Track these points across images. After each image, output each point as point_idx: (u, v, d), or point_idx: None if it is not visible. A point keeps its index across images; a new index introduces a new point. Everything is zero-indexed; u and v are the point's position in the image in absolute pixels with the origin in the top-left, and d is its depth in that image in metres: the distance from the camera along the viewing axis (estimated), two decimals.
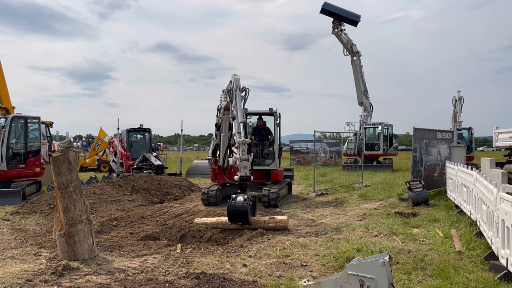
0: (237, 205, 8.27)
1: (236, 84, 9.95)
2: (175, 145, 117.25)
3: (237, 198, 8.36)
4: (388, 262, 4.24)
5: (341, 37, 25.73)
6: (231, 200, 8.39)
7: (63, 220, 6.38)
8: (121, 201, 11.75)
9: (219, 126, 11.63)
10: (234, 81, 10.03)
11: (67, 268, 5.73)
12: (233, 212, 8.32)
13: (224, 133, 11.57)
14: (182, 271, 5.72)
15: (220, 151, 11.80)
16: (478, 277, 5.34)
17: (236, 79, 10.04)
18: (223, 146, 11.48)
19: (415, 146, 12.95)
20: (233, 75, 10.28)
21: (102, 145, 26.17)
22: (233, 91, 10.03)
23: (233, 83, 10.10)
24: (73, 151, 6.69)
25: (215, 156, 12.24)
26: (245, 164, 8.87)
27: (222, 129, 11.51)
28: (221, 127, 11.52)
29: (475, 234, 7.45)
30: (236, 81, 10.00)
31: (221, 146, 11.68)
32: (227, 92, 10.66)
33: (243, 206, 8.24)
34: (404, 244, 7.15)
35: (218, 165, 12.13)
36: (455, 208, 10.27)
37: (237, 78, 10.07)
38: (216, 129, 11.85)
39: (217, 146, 12.01)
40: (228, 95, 10.62)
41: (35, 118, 14.64)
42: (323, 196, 14.00)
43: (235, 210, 8.28)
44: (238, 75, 10.12)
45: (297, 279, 5.37)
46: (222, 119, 11.53)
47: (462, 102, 22.30)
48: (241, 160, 8.90)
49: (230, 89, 10.33)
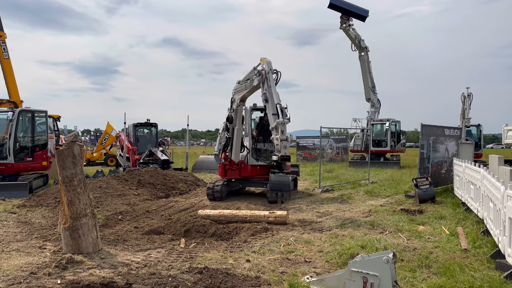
0: (280, 176, 9.28)
1: (268, 67, 10.09)
2: (182, 140, 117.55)
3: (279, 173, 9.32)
4: (392, 260, 4.19)
5: (349, 32, 25.50)
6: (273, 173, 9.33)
7: (68, 213, 6.40)
8: (127, 195, 11.79)
9: (231, 119, 11.56)
10: (266, 64, 10.15)
11: (70, 262, 5.75)
12: (276, 182, 9.20)
13: (238, 126, 11.62)
14: (185, 266, 5.72)
15: (234, 145, 11.82)
16: (483, 276, 5.27)
17: (268, 62, 10.18)
18: (237, 140, 11.59)
19: (422, 142, 12.83)
20: (262, 58, 10.37)
21: (109, 139, 26.32)
22: (265, 74, 10.07)
23: (265, 66, 10.17)
24: (78, 145, 6.70)
25: (225, 152, 12.12)
26: (285, 144, 9.58)
27: (235, 122, 11.53)
28: (235, 119, 11.48)
29: (482, 232, 7.36)
30: (268, 64, 10.15)
31: (234, 140, 11.70)
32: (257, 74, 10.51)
33: (286, 176, 9.26)
34: (409, 242, 7.09)
35: (230, 160, 12.07)
36: (462, 206, 10.16)
37: (268, 61, 10.21)
38: (229, 122, 11.78)
39: (228, 141, 11.91)
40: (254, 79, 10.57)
41: (42, 112, 14.72)
42: (329, 192, 13.93)
43: (278, 180, 9.19)
44: (268, 58, 10.19)
45: (300, 275, 5.34)
46: (237, 111, 11.50)
47: (471, 98, 22.04)
48: (281, 140, 9.48)
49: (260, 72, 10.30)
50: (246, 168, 12.37)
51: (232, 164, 12.10)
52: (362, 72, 26.65)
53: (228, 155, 12.17)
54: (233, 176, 12.23)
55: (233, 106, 11.67)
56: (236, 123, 11.69)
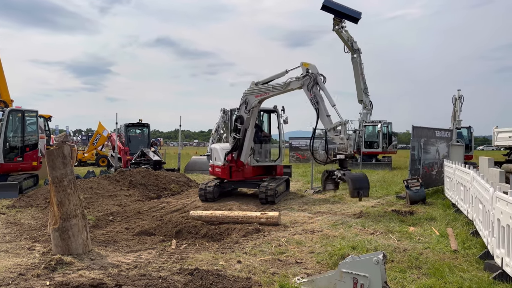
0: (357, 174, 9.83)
1: (315, 71, 10.53)
2: (175, 140, 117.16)
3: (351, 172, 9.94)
4: (382, 261, 4.21)
5: (342, 34, 25.61)
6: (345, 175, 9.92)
7: (57, 214, 6.35)
8: (118, 196, 11.72)
9: (243, 120, 11.68)
10: (312, 68, 10.59)
11: (60, 263, 5.70)
12: (357, 179, 9.70)
13: (251, 128, 11.82)
14: (176, 267, 5.70)
15: (245, 146, 11.95)
16: (472, 276, 5.32)
17: (313, 66, 10.61)
18: (249, 142, 11.82)
19: (413, 144, 12.92)
20: (305, 63, 10.69)
21: (101, 139, 26.16)
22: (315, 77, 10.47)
23: (312, 70, 10.57)
24: (68, 145, 6.65)
25: (231, 154, 12.13)
26: (350, 143, 10.20)
27: (248, 123, 11.72)
28: (247, 121, 11.68)
29: (471, 233, 7.42)
30: (314, 68, 10.60)
31: (246, 141, 11.85)
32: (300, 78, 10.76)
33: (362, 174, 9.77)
34: (400, 242, 7.13)
35: (237, 161, 12.14)
36: (452, 207, 10.25)
37: (313, 66, 10.63)
38: (239, 124, 11.83)
39: (237, 142, 11.98)
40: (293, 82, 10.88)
41: (32, 112, 14.60)
42: (321, 193, 13.96)
43: (357, 178, 9.68)
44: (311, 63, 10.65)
45: (291, 276, 5.35)
46: (253, 112, 11.63)
47: (462, 101, 22.14)
48: (347, 139, 10.11)
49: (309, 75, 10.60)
50: (248, 170, 12.49)
51: (239, 166, 12.19)
52: (355, 74, 26.77)
53: (234, 156, 12.17)
54: (238, 178, 12.33)
55: (248, 107, 11.70)
56: (249, 125, 11.87)
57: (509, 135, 25.13)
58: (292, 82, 10.96)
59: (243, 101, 11.91)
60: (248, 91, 11.92)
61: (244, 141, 12.03)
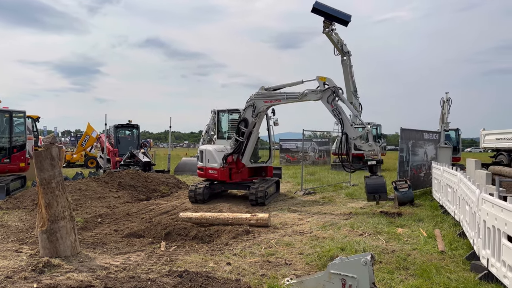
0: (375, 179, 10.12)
1: (333, 84, 10.98)
2: (165, 141, 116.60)
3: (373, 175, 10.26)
4: (370, 262, 4.25)
5: (332, 36, 25.75)
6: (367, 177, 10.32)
7: (45, 216, 6.29)
8: (107, 198, 11.64)
9: (247, 123, 11.84)
10: (329, 82, 11.03)
11: (47, 265, 5.65)
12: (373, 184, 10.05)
13: (255, 132, 12.13)
14: (165, 269, 5.69)
15: (248, 149, 12.14)
16: (459, 277, 5.39)
17: (330, 80, 11.04)
18: (252, 144, 12.12)
19: (402, 146, 13.05)
20: (320, 76, 11.10)
21: (90, 140, 25.93)
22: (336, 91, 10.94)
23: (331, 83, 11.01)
24: (56, 147, 6.60)
25: (232, 155, 12.16)
26: (378, 149, 10.74)
27: (254, 128, 12.02)
28: (251, 124, 11.89)
29: (458, 234, 7.52)
30: (331, 81, 11.04)
31: (250, 144, 12.09)
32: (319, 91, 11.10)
33: (380, 178, 10.10)
34: (388, 244, 7.19)
35: (237, 163, 12.28)
36: (440, 209, 10.36)
37: (330, 79, 11.07)
38: (243, 127, 11.92)
39: (241, 145, 12.09)
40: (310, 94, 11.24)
41: (20, 112, 14.43)
42: (311, 195, 14.03)
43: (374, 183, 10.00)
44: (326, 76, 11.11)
45: (280, 278, 5.37)
46: (260, 116, 11.87)
47: (450, 103, 22.48)
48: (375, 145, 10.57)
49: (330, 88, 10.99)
50: (245, 171, 12.58)
51: (240, 167, 12.32)
52: (344, 76, 26.91)
53: (234, 158, 12.22)
54: (237, 179, 12.44)
55: (255, 111, 11.82)
56: (255, 128, 12.09)
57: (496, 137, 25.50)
58: (309, 94, 11.23)
59: (249, 104, 11.96)
60: (256, 96, 11.97)
61: (247, 144, 12.18)
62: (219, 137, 13.66)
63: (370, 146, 10.69)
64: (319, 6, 25.19)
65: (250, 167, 12.84)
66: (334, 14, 25.54)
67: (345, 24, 26.19)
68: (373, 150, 10.66)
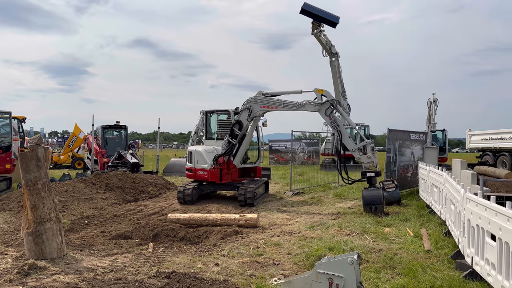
0: (372, 191, 10.15)
1: (331, 97, 11.27)
2: (154, 142, 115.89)
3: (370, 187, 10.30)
4: (356, 261, 4.29)
5: (320, 38, 25.84)
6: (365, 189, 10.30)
7: (31, 218, 6.22)
8: (94, 199, 11.54)
9: (241, 126, 11.94)
10: (327, 95, 11.30)
11: (33, 268, 5.59)
12: (369, 196, 10.04)
13: (249, 135, 12.31)
14: (152, 271, 5.66)
15: (240, 151, 12.25)
16: (444, 276, 5.47)
17: (328, 93, 11.32)
18: (245, 146, 12.29)
19: (389, 146, 13.18)
20: (317, 89, 11.31)
21: (77, 141, 25.68)
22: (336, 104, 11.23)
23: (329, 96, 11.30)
24: (42, 148, 6.53)
25: (223, 156, 12.17)
26: (377, 161, 10.80)
27: (248, 131, 12.20)
28: (246, 128, 12.07)
29: (444, 234, 7.62)
30: (329, 94, 11.36)
31: (242, 146, 12.21)
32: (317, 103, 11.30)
33: (377, 190, 10.07)
34: (375, 243, 7.26)
35: (231, 164, 12.33)
36: (426, 208, 10.49)
37: (327, 92, 11.34)
38: (237, 129, 12.00)
39: (233, 147, 12.15)
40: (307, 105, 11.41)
41: (6, 113, 14.24)
42: (299, 196, 14.09)
43: (371, 195, 9.98)
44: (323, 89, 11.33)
45: (268, 278, 5.39)
46: (255, 120, 12.07)
47: (437, 104, 22.77)
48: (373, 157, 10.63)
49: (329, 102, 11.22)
50: (235, 172, 12.66)
51: (230, 168, 12.38)
52: (333, 77, 26.97)
53: (225, 159, 12.22)
54: (227, 180, 12.46)
55: (251, 115, 11.88)
56: (248, 131, 12.23)
57: (482, 138, 25.86)
58: (307, 105, 11.37)
59: (246, 107, 11.97)
60: (253, 100, 11.99)
61: (240, 146, 12.24)
62: (208, 138, 13.64)
63: (368, 158, 10.80)
64: (307, 8, 25.29)
65: (239, 168, 12.87)
66: (323, 16, 25.66)
67: (334, 25, 26.32)
68: (371, 162, 10.75)
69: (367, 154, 10.82)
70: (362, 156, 10.91)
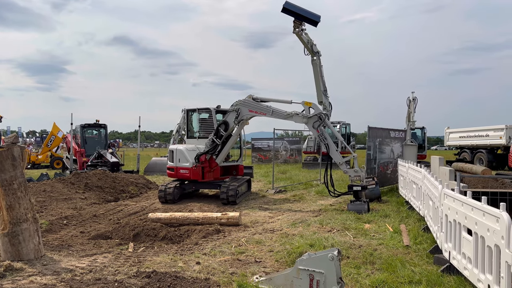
0: (357, 205, 10.23)
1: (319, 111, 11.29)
2: (135, 141, 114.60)
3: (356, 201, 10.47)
4: (337, 257, 4.33)
5: (302, 36, 25.94)
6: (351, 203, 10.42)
7: (7, 219, 6.06)
8: (73, 199, 11.34)
9: (227, 127, 11.94)
10: (315, 108, 11.32)
11: (9, 269, 5.45)
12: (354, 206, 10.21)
13: (235, 136, 12.35)
14: (132, 270, 5.59)
15: (224, 150, 12.26)
16: (423, 270, 5.57)
17: (316, 106, 11.43)
18: (230, 146, 12.36)
19: (369, 144, 13.34)
20: (305, 102, 11.32)
21: (56, 141, 25.16)
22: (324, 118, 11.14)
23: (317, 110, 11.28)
24: (18, 147, 6.37)
25: (205, 154, 12.12)
26: (364, 175, 10.87)
27: (234, 132, 12.21)
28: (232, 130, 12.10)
29: (423, 229, 7.76)
30: (317, 107, 11.46)
31: (227, 145, 12.22)
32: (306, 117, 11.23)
33: (362, 205, 10.20)
34: (355, 239, 7.34)
35: (213, 162, 12.32)
36: (405, 204, 10.66)
37: (315, 105, 11.47)
38: (223, 129, 11.98)
39: (217, 146, 12.10)
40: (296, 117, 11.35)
41: None
42: (282, 193, 14.14)
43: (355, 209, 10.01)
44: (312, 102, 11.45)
45: (250, 276, 5.39)
46: (243, 123, 12.07)
47: (416, 102, 23.14)
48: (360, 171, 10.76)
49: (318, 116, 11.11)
50: (217, 170, 12.63)
51: (212, 167, 12.36)
52: (315, 76, 27.13)
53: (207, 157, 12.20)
54: (209, 178, 12.42)
55: (238, 117, 11.82)
56: (234, 132, 12.23)
57: (460, 135, 26.38)
58: (295, 116, 11.34)
59: (234, 109, 11.88)
60: (243, 103, 11.89)
61: (224, 146, 12.21)
62: (189, 137, 13.55)
63: (355, 172, 10.83)
64: (289, 6, 25.38)
65: (222, 166, 12.82)
66: (304, 14, 25.78)
67: (315, 24, 26.49)
68: (358, 176, 10.80)
69: (355, 168, 10.87)
70: (349, 170, 10.94)
